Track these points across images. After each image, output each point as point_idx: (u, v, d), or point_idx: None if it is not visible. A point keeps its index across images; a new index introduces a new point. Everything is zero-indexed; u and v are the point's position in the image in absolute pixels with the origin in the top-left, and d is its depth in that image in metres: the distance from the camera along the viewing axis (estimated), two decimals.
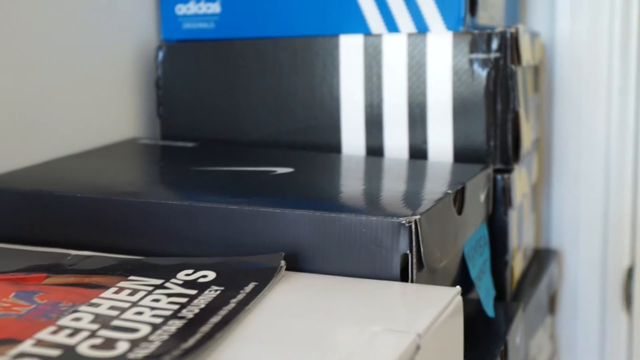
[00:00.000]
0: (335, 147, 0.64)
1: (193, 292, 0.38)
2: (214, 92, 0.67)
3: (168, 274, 0.41)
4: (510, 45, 0.59)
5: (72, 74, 0.63)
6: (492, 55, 0.59)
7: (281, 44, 0.65)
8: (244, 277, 0.40)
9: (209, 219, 0.46)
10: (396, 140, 0.62)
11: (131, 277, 0.40)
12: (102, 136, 0.67)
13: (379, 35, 0.62)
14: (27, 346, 0.31)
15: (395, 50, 0.61)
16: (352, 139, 0.63)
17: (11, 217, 0.51)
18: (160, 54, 0.68)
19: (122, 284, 0.39)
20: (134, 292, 0.38)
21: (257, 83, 0.65)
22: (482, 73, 0.59)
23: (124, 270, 0.42)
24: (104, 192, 0.49)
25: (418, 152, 0.62)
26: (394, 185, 0.54)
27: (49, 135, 0.61)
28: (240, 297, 0.38)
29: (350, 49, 0.62)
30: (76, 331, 0.33)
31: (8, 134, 0.57)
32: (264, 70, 0.65)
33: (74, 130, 0.64)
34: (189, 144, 0.65)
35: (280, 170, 0.55)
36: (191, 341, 0.32)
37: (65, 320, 0.34)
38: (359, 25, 0.63)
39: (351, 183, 0.54)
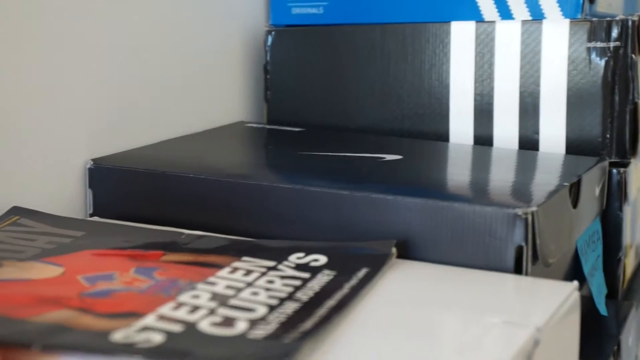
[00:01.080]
0: (442, 136, 0.63)
1: (306, 275, 0.39)
2: (321, 77, 0.67)
3: (280, 256, 0.41)
4: (631, 34, 0.56)
5: (183, 58, 0.65)
6: (612, 44, 0.57)
7: (390, 30, 0.64)
8: (355, 262, 0.40)
9: (319, 204, 0.46)
10: (506, 130, 0.61)
11: (244, 258, 0.41)
12: (210, 119, 0.68)
13: (491, 22, 0.60)
14: (150, 320, 0.32)
15: (508, 38, 0.60)
16: (461, 127, 0.62)
17: (125, 195, 0.53)
18: (269, 39, 0.68)
19: (236, 264, 0.40)
20: (248, 272, 0.39)
21: (364, 69, 0.65)
22: (600, 63, 0.57)
23: (236, 251, 0.42)
24: (215, 173, 0.50)
25: (529, 143, 0.60)
26: (505, 175, 0.53)
27: (160, 118, 0.63)
28: (353, 282, 0.38)
29: (461, 36, 0.61)
30: (196, 308, 0.34)
31: (122, 116, 0.59)
32: (372, 56, 0.65)
33: (183, 113, 0.65)
34: (296, 129, 0.66)
35: (389, 157, 0.54)
36: (309, 324, 0.32)
37: (184, 297, 0.35)
38: (471, 11, 0.61)
39: (461, 172, 0.53)
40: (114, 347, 0.29)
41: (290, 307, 0.34)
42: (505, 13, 0.60)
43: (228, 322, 0.32)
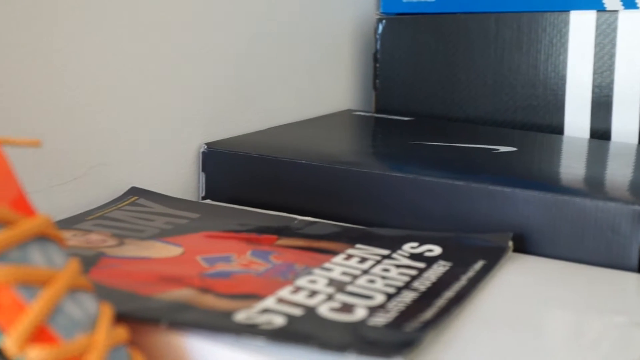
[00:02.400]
0: (557, 128, 0.61)
1: (421, 265, 0.38)
2: (432, 66, 0.66)
3: (394, 245, 0.41)
4: None
5: (294, 45, 0.65)
6: None
7: (505, 18, 0.62)
8: (471, 254, 0.40)
9: (433, 194, 0.46)
10: (626, 124, 0.58)
11: (358, 245, 0.41)
12: (318, 107, 0.68)
13: (614, 12, 0.58)
14: (270, 303, 0.32)
15: (632, 28, 0.57)
16: (577, 120, 0.60)
17: (236, 179, 0.53)
18: (380, 27, 0.68)
19: (350, 251, 0.40)
20: (363, 260, 0.39)
21: (477, 59, 0.64)
22: None
23: (349, 238, 0.42)
24: (327, 161, 0.50)
25: None
26: (624, 170, 0.51)
27: (270, 104, 0.63)
28: (470, 274, 0.37)
29: (581, 26, 0.59)
30: (314, 293, 0.34)
31: (235, 101, 0.60)
32: (485, 46, 0.63)
33: (293, 100, 0.65)
34: (405, 118, 0.65)
35: (503, 148, 0.53)
36: (428, 314, 0.32)
37: (302, 282, 0.35)
38: (592, 0, 0.59)
39: (578, 166, 0.52)
40: (238, 327, 0.29)
41: (409, 296, 0.34)
42: (629, 2, 0.58)
43: (347, 308, 0.32)
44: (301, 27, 0.66)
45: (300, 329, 0.30)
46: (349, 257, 0.39)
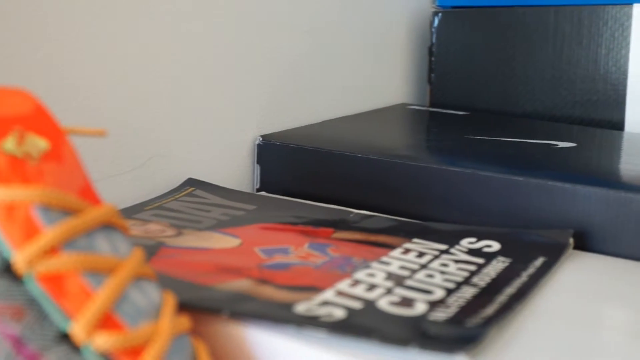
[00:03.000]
0: (617, 124, 0.60)
1: (480, 260, 0.38)
2: (488, 60, 0.65)
3: (451, 240, 0.41)
4: None
5: (349, 39, 0.65)
6: None
7: (565, 12, 0.61)
8: (531, 250, 0.39)
9: (491, 189, 0.45)
10: None
11: (415, 240, 0.41)
12: (372, 100, 0.68)
13: None
14: (329, 295, 0.32)
15: None
16: (638, 116, 0.59)
17: (291, 171, 0.53)
18: (436, 20, 0.67)
19: (408, 245, 0.40)
20: (420, 254, 0.38)
21: (535, 53, 0.63)
22: None
23: (406, 232, 0.42)
24: (382, 154, 0.50)
25: None
26: None
27: (325, 97, 0.63)
28: (530, 271, 0.36)
29: None
30: (372, 286, 0.34)
31: (291, 94, 0.60)
32: (544, 39, 0.62)
33: (347, 93, 0.65)
34: (460, 112, 0.64)
35: (562, 144, 0.52)
36: (490, 310, 0.31)
37: (360, 275, 0.35)
38: None
39: None
40: (299, 319, 0.29)
41: (468, 292, 0.33)
42: None
43: (406, 302, 0.32)
44: (356, 21, 0.65)
45: (361, 322, 0.30)
46: (407, 251, 0.39)
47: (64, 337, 0.24)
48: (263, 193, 0.54)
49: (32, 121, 0.27)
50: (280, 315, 0.30)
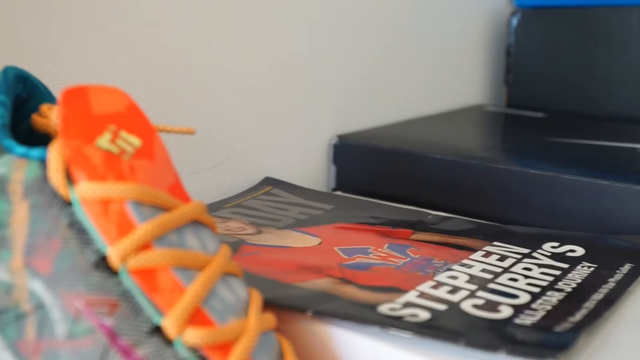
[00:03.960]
0: None
1: (564, 265, 0.37)
2: (568, 61, 0.64)
3: (533, 243, 0.40)
4: None
5: (426, 38, 0.64)
6: None
7: None
8: (616, 256, 0.38)
9: (573, 193, 0.44)
10: None
11: (495, 243, 0.40)
12: (448, 100, 0.67)
13: None
14: (412, 297, 0.32)
15: None
16: None
17: (367, 172, 0.53)
18: (514, 21, 0.66)
19: (488, 248, 0.39)
20: (502, 257, 0.38)
21: (618, 54, 0.61)
22: None
23: (485, 235, 0.41)
24: (460, 156, 0.49)
25: None
26: None
27: (401, 97, 0.63)
28: (617, 277, 0.36)
29: None
30: (455, 289, 0.33)
31: (367, 94, 0.60)
32: (627, 40, 0.61)
33: (423, 93, 0.65)
34: (538, 114, 0.63)
35: None
36: (578, 316, 0.31)
37: (441, 277, 0.35)
38: None
39: None
40: (384, 320, 0.29)
41: (554, 297, 0.33)
42: None
43: (491, 305, 0.32)
44: (433, 21, 0.65)
45: (446, 325, 0.29)
46: (488, 254, 0.38)
47: (156, 331, 0.25)
48: (339, 193, 0.54)
49: (125, 119, 0.28)
50: (364, 316, 0.30)
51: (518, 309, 0.31)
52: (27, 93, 0.32)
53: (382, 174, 0.53)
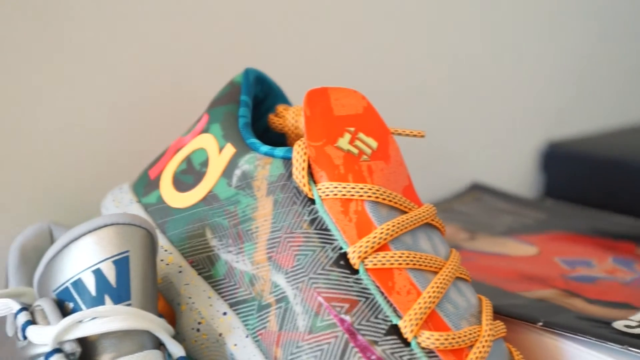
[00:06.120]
0: None
1: None
2: None
3: None
4: None
5: None
6: None
7: None
8: None
9: None
10: None
11: None
12: None
13: None
14: None
15: None
16: None
17: (579, 181, 0.51)
18: None
19: None
20: None
21: None
22: None
23: None
24: None
25: None
26: None
27: (617, 103, 0.60)
28: None
29: None
30: None
31: (579, 100, 0.57)
32: None
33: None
34: None
35: None
36: None
37: None
38: None
39: None
40: (620, 337, 0.28)
41: None
42: None
43: None
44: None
45: None
46: None
47: (391, 330, 0.25)
48: (549, 200, 0.52)
49: (363, 121, 0.28)
50: (598, 331, 0.28)
51: None
52: (264, 94, 0.33)
53: (595, 184, 0.50)
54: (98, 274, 0.25)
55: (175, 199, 0.29)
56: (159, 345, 0.26)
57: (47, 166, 0.35)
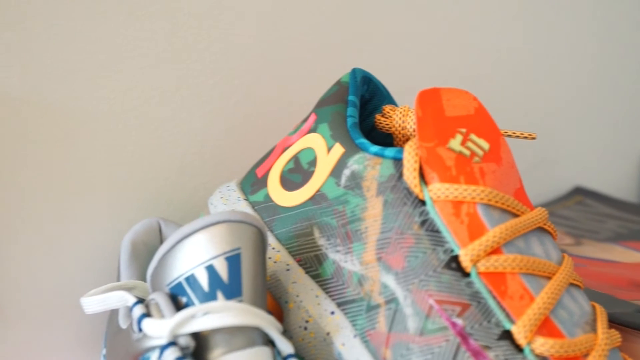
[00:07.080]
0: None
1: None
2: None
3: None
4: None
5: None
6: None
7: None
8: None
9: None
10: None
11: None
12: None
13: None
14: None
15: None
16: None
17: None
18: None
19: None
20: None
21: None
22: None
23: None
24: None
25: None
26: None
27: None
28: None
29: None
30: None
31: None
32: None
33: None
34: None
35: None
36: None
37: None
38: None
39: None
40: None
41: None
42: None
43: None
44: None
45: None
46: None
47: (504, 335, 0.24)
48: None
49: (475, 122, 0.28)
50: None
51: None
52: (369, 94, 0.33)
53: None
54: (211, 270, 0.25)
55: (283, 197, 0.30)
56: (268, 342, 0.26)
57: (156, 164, 0.35)
